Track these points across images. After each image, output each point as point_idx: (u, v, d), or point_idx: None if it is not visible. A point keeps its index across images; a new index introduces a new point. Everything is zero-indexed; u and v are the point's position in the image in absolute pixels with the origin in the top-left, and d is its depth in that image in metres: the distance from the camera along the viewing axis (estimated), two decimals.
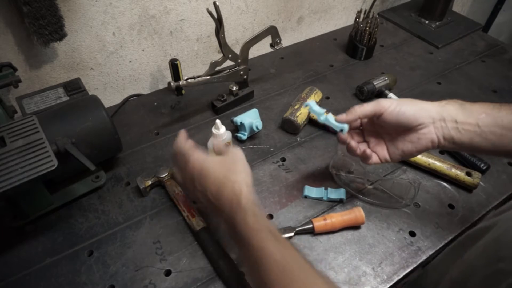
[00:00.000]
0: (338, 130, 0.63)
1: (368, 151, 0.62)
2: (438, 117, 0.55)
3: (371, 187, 0.76)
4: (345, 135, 0.62)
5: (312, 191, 0.75)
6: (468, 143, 0.54)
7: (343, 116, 0.61)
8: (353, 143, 0.62)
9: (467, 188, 0.77)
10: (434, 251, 0.67)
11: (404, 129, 0.57)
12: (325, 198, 0.74)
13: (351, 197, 0.75)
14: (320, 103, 0.93)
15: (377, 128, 0.62)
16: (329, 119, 0.63)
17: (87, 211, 0.73)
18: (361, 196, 0.75)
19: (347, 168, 0.78)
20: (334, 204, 0.74)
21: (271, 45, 0.94)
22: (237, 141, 0.87)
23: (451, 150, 0.68)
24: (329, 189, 0.75)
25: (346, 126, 0.62)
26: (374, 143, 0.63)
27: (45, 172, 0.57)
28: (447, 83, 1.05)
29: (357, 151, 0.62)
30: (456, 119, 0.54)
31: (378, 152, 0.62)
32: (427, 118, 0.55)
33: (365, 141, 0.65)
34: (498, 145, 0.53)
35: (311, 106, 0.65)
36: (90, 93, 0.82)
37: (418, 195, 0.76)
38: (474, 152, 0.73)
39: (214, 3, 0.77)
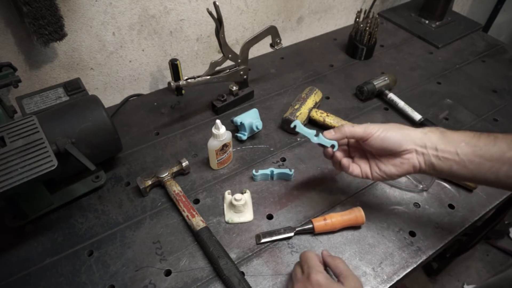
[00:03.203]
0: (329, 146, 0.65)
1: (352, 164, 0.65)
2: (420, 144, 0.57)
3: None
4: (330, 150, 0.65)
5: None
6: (447, 171, 0.56)
7: (331, 134, 0.64)
8: (338, 153, 0.65)
9: (467, 188, 0.77)
10: (434, 251, 0.67)
11: (388, 153, 0.60)
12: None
13: (351, 197, 0.75)
14: (320, 103, 0.93)
15: (362, 147, 0.64)
16: (321, 138, 0.65)
17: (87, 211, 0.73)
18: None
19: None
20: (334, 204, 0.74)
21: (271, 45, 0.94)
22: (237, 141, 0.87)
23: (433, 175, 0.71)
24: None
25: (336, 143, 0.65)
26: (358, 158, 0.65)
27: (45, 172, 0.57)
28: (447, 83, 1.05)
29: (342, 161, 0.65)
30: (437, 146, 0.56)
31: (361, 167, 0.64)
32: (410, 144, 0.57)
33: (350, 156, 0.67)
34: (477, 174, 0.55)
35: (299, 127, 0.66)
36: (90, 93, 0.82)
37: (418, 195, 0.76)
38: (454, 179, 0.76)
39: (214, 3, 0.77)
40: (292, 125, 0.66)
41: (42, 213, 0.70)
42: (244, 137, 0.85)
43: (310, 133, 0.66)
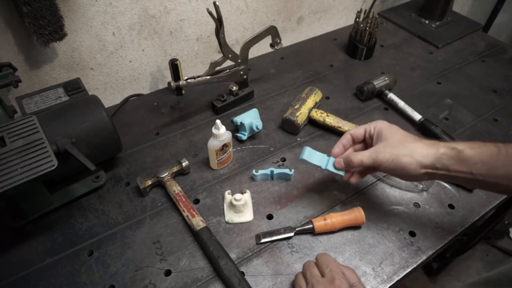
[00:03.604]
0: (338, 173, 0.67)
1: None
2: (432, 166, 0.57)
3: None
4: (347, 176, 0.67)
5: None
6: (458, 181, 0.59)
7: (340, 165, 0.65)
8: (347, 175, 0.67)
9: (467, 188, 0.77)
10: (434, 251, 0.67)
11: (397, 176, 0.62)
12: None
13: (351, 197, 0.75)
14: (320, 103, 0.93)
15: None
16: (330, 168, 0.67)
17: (87, 211, 0.73)
18: (380, 176, 0.77)
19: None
20: (334, 204, 0.74)
21: (271, 45, 0.94)
22: (237, 141, 0.87)
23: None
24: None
25: (343, 172, 0.67)
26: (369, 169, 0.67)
27: (45, 172, 0.57)
28: (447, 83, 1.05)
29: (351, 180, 0.67)
30: (449, 167, 0.56)
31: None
32: (422, 169, 0.57)
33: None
34: (489, 188, 0.56)
35: (306, 160, 0.67)
36: (90, 93, 0.82)
37: (418, 195, 0.76)
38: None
39: (214, 3, 0.77)
40: (300, 158, 0.67)
41: (42, 213, 0.70)
42: (244, 137, 0.85)
43: (320, 161, 0.67)
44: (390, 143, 0.60)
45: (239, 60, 0.89)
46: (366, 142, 0.67)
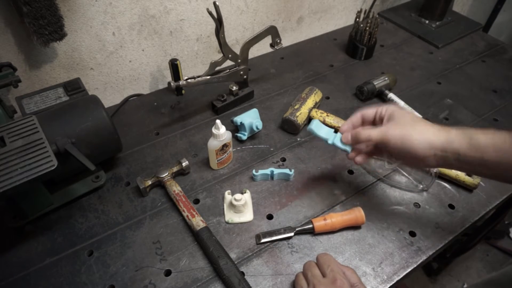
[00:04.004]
0: (344, 149, 0.67)
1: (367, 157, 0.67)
2: (441, 149, 0.55)
3: (390, 167, 0.77)
4: (352, 155, 0.66)
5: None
6: (467, 169, 0.56)
7: (347, 139, 0.65)
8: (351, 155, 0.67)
9: (467, 188, 0.77)
10: (434, 251, 0.67)
11: (406, 157, 0.59)
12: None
13: (351, 197, 0.75)
14: (320, 103, 0.93)
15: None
16: (336, 142, 0.67)
17: (87, 211, 0.73)
18: (380, 176, 0.77)
19: None
20: (334, 204, 0.74)
21: (271, 45, 0.94)
22: (237, 141, 0.87)
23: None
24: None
25: (349, 148, 0.66)
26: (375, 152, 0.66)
27: (45, 172, 0.57)
28: (447, 83, 1.05)
29: (356, 160, 0.66)
30: (460, 152, 0.54)
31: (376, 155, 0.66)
32: (431, 150, 0.56)
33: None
34: (499, 175, 0.54)
35: (313, 130, 0.67)
36: (90, 93, 0.82)
37: (418, 195, 0.76)
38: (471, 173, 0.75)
39: (214, 3, 0.77)
40: (308, 128, 0.67)
41: (42, 213, 0.70)
42: (244, 137, 0.85)
43: (326, 134, 0.67)
44: (401, 122, 0.58)
45: (239, 60, 0.89)
46: (376, 124, 0.65)
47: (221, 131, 0.73)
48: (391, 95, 0.96)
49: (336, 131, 0.68)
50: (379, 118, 0.63)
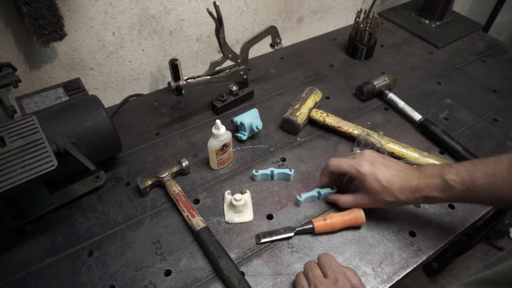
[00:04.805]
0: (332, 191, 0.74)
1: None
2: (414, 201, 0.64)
3: None
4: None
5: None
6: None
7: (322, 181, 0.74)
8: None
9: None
10: (434, 251, 0.67)
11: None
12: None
13: None
14: (320, 103, 0.93)
15: None
16: (323, 193, 0.74)
17: (87, 211, 0.73)
18: None
19: (370, 146, 0.81)
20: (334, 204, 0.74)
21: (271, 45, 0.94)
22: (237, 141, 0.87)
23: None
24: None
25: (327, 190, 0.74)
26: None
27: (45, 172, 0.57)
28: (447, 83, 1.05)
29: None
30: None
31: None
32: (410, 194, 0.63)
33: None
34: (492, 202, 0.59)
35: (301, 201, 0.73)
36: (90, 93, 0.81)
37: None
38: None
39: (214, 3, 0.77)
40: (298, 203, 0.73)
41: (42, 213, 0.70)
42: (244, 137, 0.85)
43: (312, 198, 0.74)
44: (371, 194, 0.65)
45: (239, 60, 0.89)
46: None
47: (221, 131, 0.73)
48: (391, 95, 0.96)
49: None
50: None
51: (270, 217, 0.72)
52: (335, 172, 0.70)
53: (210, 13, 0.77)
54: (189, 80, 0.82)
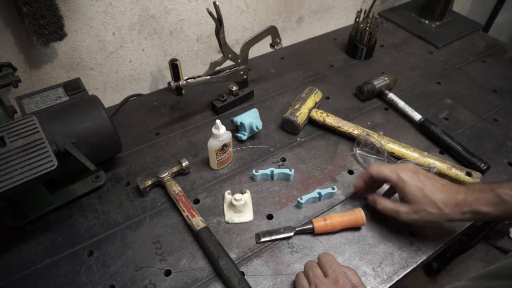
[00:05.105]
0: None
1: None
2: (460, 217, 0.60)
3: None
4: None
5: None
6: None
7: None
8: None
9: None
10: (434, 251, 0.67)
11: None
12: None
13: (351, 197, 0.75)
14: (320, 103, 0.93)
15: None
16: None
17: (87, 211, 0.73)
18: None
19: (370, 146, 0.82)
20: (334, 204, 0.74)
21: (271, 45, 0.94)
22: (237, 141, 0.87)
23: None
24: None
25: None
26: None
27: (45, 172, 0.57)
28: (447, 83, 1.05)
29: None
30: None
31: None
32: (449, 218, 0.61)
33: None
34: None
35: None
36: (90, 93, 0.82)
37: None
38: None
39: (214, 3, 0.77)
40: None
41: (42, 213, 0.70)
42: (244, 137, 0.85)
43: (315, 197, 0.73)
44: (412, 202, 0.62)
45: (239, 60, 0.89)
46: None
47: (221, 131, 0.73)
48: (391, 95, 0.96)
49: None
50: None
51: (270, 217, 0.72)
52: (375, 177, 0.67)
53: (210, 13, 0.77)
54: (189, 80, 0.82)
